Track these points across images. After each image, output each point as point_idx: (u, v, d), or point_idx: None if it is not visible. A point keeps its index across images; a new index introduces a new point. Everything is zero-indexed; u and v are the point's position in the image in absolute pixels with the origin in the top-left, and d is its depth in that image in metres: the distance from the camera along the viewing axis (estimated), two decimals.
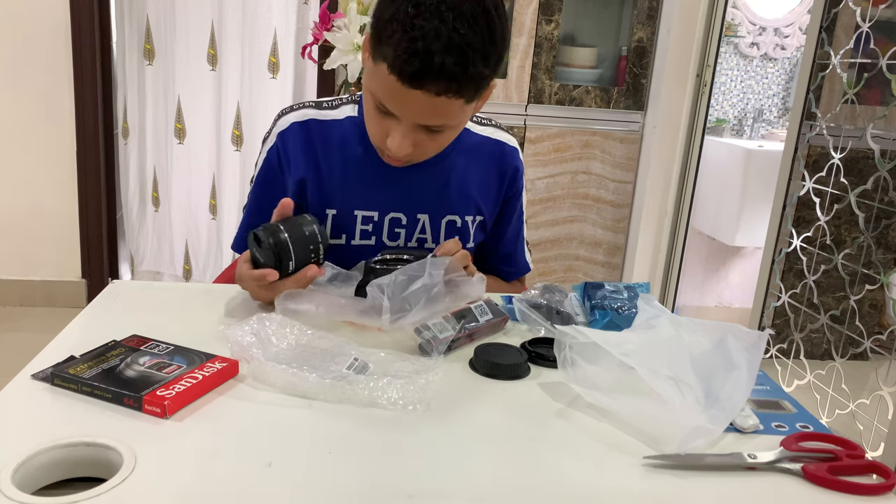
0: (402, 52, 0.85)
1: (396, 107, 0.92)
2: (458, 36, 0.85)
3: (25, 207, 2.85)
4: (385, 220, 1.11)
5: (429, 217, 1.12)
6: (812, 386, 2.14)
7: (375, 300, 0.88)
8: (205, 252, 3.13)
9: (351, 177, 1.09)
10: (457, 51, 0.85)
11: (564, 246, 2.99)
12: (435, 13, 0.85)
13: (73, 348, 0.79)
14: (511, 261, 1.26)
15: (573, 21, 2.94)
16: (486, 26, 0.87)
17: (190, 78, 2.92)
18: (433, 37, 0.84)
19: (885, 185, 1.88)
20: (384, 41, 0.88)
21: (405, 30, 0.85)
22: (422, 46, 0.85)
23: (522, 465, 0.66)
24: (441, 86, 0.87)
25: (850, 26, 2.37)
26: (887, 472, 0.66)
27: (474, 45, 0.86)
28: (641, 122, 2.92)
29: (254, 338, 0.78)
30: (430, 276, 0.90)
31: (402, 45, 0.85)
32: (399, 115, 0.93)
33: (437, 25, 0.85)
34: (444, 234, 1.14)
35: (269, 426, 0.69)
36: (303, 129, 1.09)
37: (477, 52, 0.87)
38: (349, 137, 1.10)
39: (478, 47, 0.87)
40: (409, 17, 0.85)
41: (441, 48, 0.85)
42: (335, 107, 1.12)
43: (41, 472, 0.60)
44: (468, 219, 1.15)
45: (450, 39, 0.85)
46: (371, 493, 0.60)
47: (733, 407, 0.74)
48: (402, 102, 0.91)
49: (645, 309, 0.86)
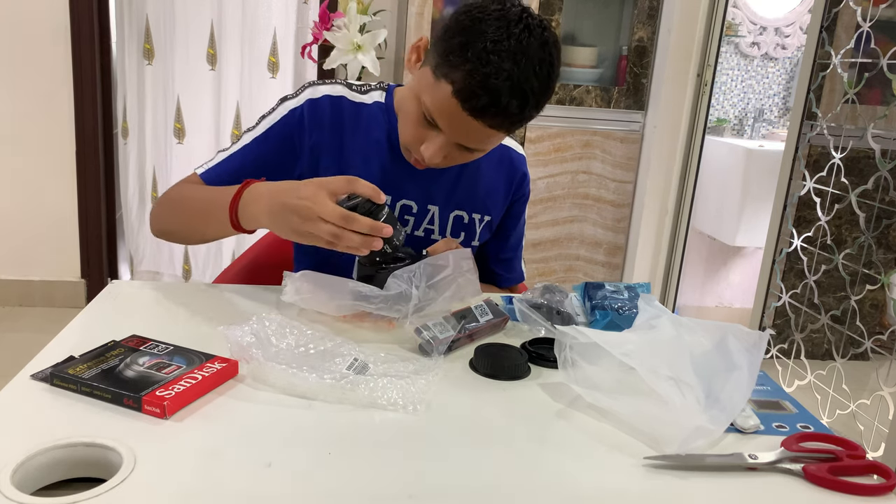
0: (474, 85, 0.89)
1: (447, 126, 0.96)
2: (525, 81, 0.90)
3: (25, 207, 2.85)
4: (397, 206, 1.12)
5: (438, 209, 1.14)
6: (813, 386, 2.14)
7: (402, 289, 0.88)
8: (204, 252, 3.13)
9: (371, 160, 1.10)
10: (521, 95, 0.91)
11: (565, 246, 2.99)
12: (509, 54, 0.89)
13: (72, 348, 0.79)
14: (509, 266, 1.28)
15: (573, 21, 2.93)
16: (548, 75, 0.93)
17: (189, 78, 2.92)
18: (505, 77, 0.89)
19: (885, 184, 1.87)
20: (454, 65, 0.91)
21: (480, 63, 0.89)
22: (493, 85, 0.89)
23: (522, 465, 0.66)
24: (498, 121, 0.93)
25: (850, 26, 2.37)
26: (888, 473, 0.66)
27: (536, 91, 0.92)
28: (642, 122, 2.92)
29: (253, 338, 0.78)
30: (457, 267, 0.91)
31: (475, 78, 0.89)
32: (446, 132, 0.97)
33: (510, 67, 0.89)
34: (451, 228, 1.16)
35: (269, 426, 0.69)
36: (334, 104, 1.10)
37: (536, 97, 0.93)
38: (374, 123, 1.11)
39: (538, 94, 0.93)
40: (485, 52, 0.89)
41: (509, 90, 0.90)
42: (364, 91, 1.13)
43: (41, 473, 0.60)
44: (475, 217, 1.17)
45: (518, 83, 0.90)
46: (371, 493, 0.60)
47: (734, 407, 0.74)
48: (453, 124, 0.95)
49: (645, 309, 0.86)
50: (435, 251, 1.00)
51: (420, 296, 0.89)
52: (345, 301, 0.91)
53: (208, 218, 1.00)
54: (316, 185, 0.87)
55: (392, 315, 0.90)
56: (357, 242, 0.85)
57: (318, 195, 0.85)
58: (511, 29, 0.90)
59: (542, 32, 0.92)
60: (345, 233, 0.84)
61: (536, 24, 0.92)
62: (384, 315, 0.91)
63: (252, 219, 0.93)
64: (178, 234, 1.11)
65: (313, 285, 0.92)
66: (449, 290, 0.92)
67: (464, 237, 1.18)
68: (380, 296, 0.89)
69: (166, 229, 1.10)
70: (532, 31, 0.91)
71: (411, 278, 0.89)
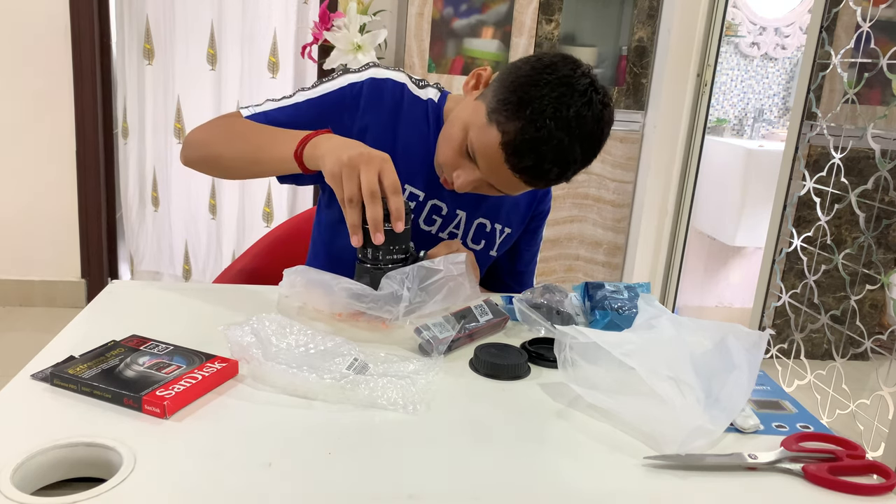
0: (522, 143, 0.91)
1: (485, 168, 0.97)
2: (571, 152, 0.92)
3: (25, 207, 2.85)
4: (427, 204, 1.13)
5: (465, 215, 1.15)
6: (812, 386, 2.14)
7: (393, 290, 0.88)
8: (204, 252, 3.13)
9: (415, 153, 1.11)
10: (564, 164, 0.93)
11: (565, 246, 2.99)
12: (564, 123, 0.90)
13: (72, 348, 0.79)
14: (520, 280, 1.29)
15: (573, 21, 2.93)
16: (592, 151, 0.95)
17: (190, 78, 2.92)
18: (554, 146, 0.90)
19: (885, 184, 1.87)
20: (509, 117, 0.91)
21: (534, 126, 0.90)
22: (541, 150, 0.91)
23: (522, 465, 0.66)
24: (534, 181, 0.95)
25: (850, 26, 2.37)
26: (888, 473, 0.66)
27: (578, 163, 0.94)
28: (642, 122, 2.92)
29: (253, 338, 0.78)
30: (448, 271, 0.92)
31: (525, 138, 0.90)
32: (483, 172, 0.98)
33: (561, 136, 0.90)
34: (474, 234, 1.17)
35: (269, 426, 0.69)
36: (396, 90, 1.11)
37: (579, 166, 0.95)
38: (425, 119, 1.12)
39: (579, 165, 0.95)
40: (542, 116, 0.89)
41: (553, 158, 0.91)
42: (423, 87, 1.14)
43: (41, 473, 0.60)
44: (497, 227, 1.19)
45: (564, 153, 0.91)
46: (371, 493, 0.60)
47: (734, 407, 0.74)
48: (492, 169, 0.96)
49: (645, 309, 0.86)
50: (434, 255, 1.01)
51: (411, 298, 0.89)
52: (336, 298, 0.91)
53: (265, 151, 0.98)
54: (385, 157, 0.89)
55: (383, 315, 0.90)
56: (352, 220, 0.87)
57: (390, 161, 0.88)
58: (573, 98, 0.90)
59: (602, 109, 0.93)
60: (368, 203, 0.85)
61: (599, 99, 0.93)
62: (376, 315, 0.91)
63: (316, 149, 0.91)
64: (220, 164, 1.06)
65: (307, 280, 0.92)
66: (440, 294, 0.92)
67: (484, 245, 1.18)
68: (370, 295, 0.90)
69: (208, 158, 1.06)
70: (592, 107, 0.92)
71: (403, 280, 0.90)
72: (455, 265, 0.94)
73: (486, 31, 2.79)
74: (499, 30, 2.78)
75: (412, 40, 2.66)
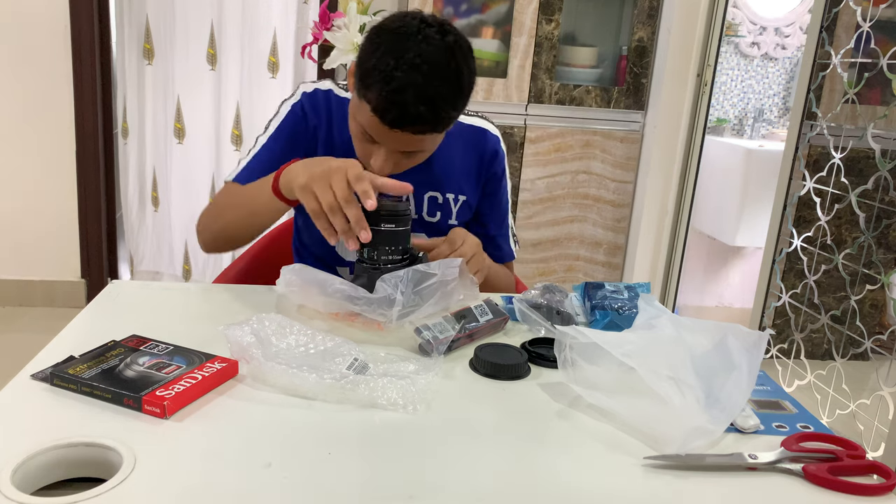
0: (383, 100, 0.96)
1: (381, 139, 1.02)
2: (431, 88, 0.96)
3: (25, 207, 2.85)
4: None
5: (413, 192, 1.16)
6: (812, 386, 2.14)
7: (387, 293, 0.88)
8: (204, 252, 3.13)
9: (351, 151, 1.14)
10: (429, 101, 0.96)
11: (565, 246, 2.99)
12: (412, 67, 0.95)
13: (72, 348, 0.79)
14: (496, 245, 1.30)
15: (573, 20, 2.93)
16: (456, 79, 0.98)
17: (189, 78, 2.92)
18: (410, 89, 0.95)
19: (885, 184, 1.87)
20: (367, 86, 0.97)
21: (386, 81, 0.95)
22: (400, 98, 0.95)
23: (522, 465, 0.66)
24: (416, 128, 0.98)
25: (850, 26, 2.37)
26: (888, 473, 0.66)
27: (445, 95, 0.97)
28: (642, 122, 2.92)
29: (253, 338, 0.78)
30: (443, 275, 0.92)
31: (383, 94, 0.95)
32: (382, 144, 1.03)
33: (414, 77, 0.94)
34: (428, 208, 1.21)
35: (269, 426, 0.69)
36: (326, 97, 1.19)
37: (447, 101, 0.98)
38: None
39: (448, 97, 0.98)
40: (389, 69, 0.95)
41: (416, 99, 0.95)
42: (346, 90, 1.21)
43: (41, 472, 0.60)
44: (450, 196, 1.22)
45: (424, 91, 0.95)
46: (371, 493, 0.60)
47: (734, 407, 0.74)
48: (384, 137, 1.01)
49: (645, 309, 0.86)
50: (419, 247, 1.03)
51: (405, 301, 0.89)
52: (331, 299, 0.91)
53: (254, 201, 1.06)
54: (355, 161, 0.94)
55: (376, 318, 0.90)
56: (340, 226, 0.89)
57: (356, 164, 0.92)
58: (409, 42, 0.96)
59: (443, 38, 0.97)
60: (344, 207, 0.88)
61: (434, 31, 0.97)
62: (370, 317, 0.91)
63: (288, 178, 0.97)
64: (228, 234, 1.14)
65: (303, 280, 0.93)
66: (434, 297, 0.92)
67: (440, 216, 1.21)
68: (364, 297, 0.90)
69: (217, 234, 1.15)
70: (430, 41, 0.96)
71: (398, 283, 0.90)
72: (450, 269, 0.94)
73: (486, 31, 2.79)
74: (499, 30, 2.78)
75: None
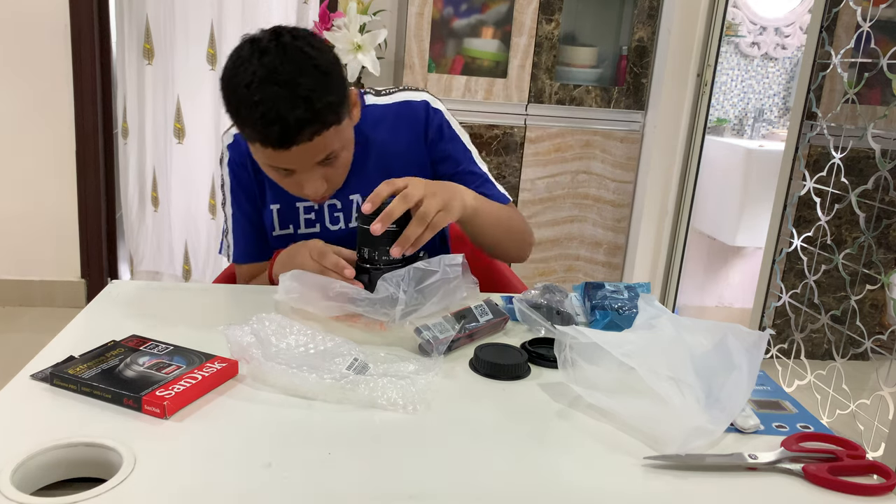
0: (261, 126, 0.94)
1: (290, 165, 1.01)
2: (293, 88, 0.93)
3: (25, 207, 2.85)
4: (324, 208, 1.20)
5: (360, 196, 1.19)
6: (813, 386, 2.14)
7: (389, 293, 0.89)
8: (204, 252, 3.13)
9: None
10: (300, 101, 0.93)
11: (565, 246, 2.99)
12: (263, 82, 0.93)
13: (72, 348, 0.79)
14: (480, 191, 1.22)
15: (573, 20, 2.93)
16: (312, 66, 0.95)
17: (189, 78, 2.92)
18: (275, 101, 0.93)
19: (885, 184, 1.87)
20: (244, 127, 0.98)
21: (250, 109, 0.94)
22: (272, 114, 0.93)
23: (522, 465, 0.66)
24: (306, 134, 0.96)
25: (850, 26, 2.37)
26: (888, 473, 0.66)
27: (311, 86, 0.94)
28: (642, 122, 2.92)
29: (253, 338, 0.78)
30: (445, 272, 0.92)
31: (257, 121, 0.94)
32: (295, 168, 1.01)
33: (270, 90, 0.93)
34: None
35: (269, 426, 0.69)
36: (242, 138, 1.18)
37: (315, 90, 0.95)
38: None
39: (314, 86, 0.95)
40: (247, 98, 0.94)
41: (287, 106, 0.93)
42: None
43: (41, 472, 0.60)
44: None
45: (289, 95, 0.93)
46: (371, 493, 0.60)
47: (734, 407, 0.74)
48: (291, 161, 0.99)
49: (645, 309, 0.86)
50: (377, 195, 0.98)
51: (407, 300, 0.89)
52: (332, 302, 0.91)
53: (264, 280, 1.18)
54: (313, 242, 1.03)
55: (379, 318, 0.90)
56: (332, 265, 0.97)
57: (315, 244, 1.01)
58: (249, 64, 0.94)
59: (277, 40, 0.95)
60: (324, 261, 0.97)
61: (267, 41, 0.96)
62: (373, 317, 0.91)
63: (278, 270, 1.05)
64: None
65: (303, 285, 0.92)
66: (436, 296, 0.92)
67: None
68: (366, 298, 0.90)
69: None
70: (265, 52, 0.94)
71: (399, 282, 0.90)
72: (451, 267, 0.94)
73: (486, 31, 2.79)
74: (499, 30, 2.78)
75: (412, 40, 2.66)
